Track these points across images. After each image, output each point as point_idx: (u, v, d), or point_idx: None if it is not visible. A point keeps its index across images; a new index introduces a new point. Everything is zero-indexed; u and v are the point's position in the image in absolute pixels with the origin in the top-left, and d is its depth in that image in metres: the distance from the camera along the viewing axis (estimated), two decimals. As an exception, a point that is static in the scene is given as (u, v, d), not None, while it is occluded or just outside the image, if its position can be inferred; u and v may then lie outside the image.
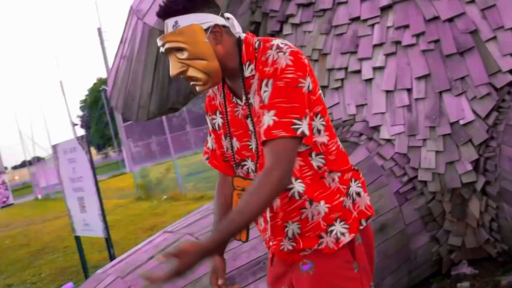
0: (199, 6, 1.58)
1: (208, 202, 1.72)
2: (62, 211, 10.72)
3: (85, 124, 39.35)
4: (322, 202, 1.56)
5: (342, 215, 1.57)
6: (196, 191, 11.03)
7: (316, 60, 3.36)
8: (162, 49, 1.62)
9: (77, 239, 5.11)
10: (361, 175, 1.65)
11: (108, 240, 4.30)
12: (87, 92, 43.47)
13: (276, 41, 1.53)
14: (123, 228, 8.46)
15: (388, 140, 2.96)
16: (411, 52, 2.98)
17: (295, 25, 3.48)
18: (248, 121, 1.64)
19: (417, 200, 2.83)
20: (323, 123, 1.56)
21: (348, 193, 1.59)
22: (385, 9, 3.14)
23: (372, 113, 3.03)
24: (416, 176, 2.85)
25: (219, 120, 1.75)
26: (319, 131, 1.56)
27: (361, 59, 3.15)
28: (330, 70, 3.29)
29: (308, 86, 1.50)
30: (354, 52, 3.18)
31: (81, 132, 37.08)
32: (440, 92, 2.85)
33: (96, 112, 37.69)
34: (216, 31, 1.58)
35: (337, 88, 3.25)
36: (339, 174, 1.59)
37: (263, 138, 1.47)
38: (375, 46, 3.12)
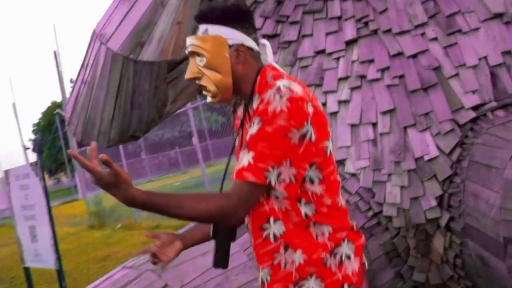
0: (232, 22, 1.61)
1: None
2: (9, 238, 10.28)
3: (38, 148, 38.34)
4: (299, 251, 1.49)
5: (319, 271, 1.48)
6: (151, 220, 10.80)
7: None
8: (186, 51, 1.65)
9: (26, 269, 4.87)
10: (361, 239, 1.57)
11: (60, 272, 4.10)
12: (40, 115, 42.46)
13: (281, 82, 1.49)
14: (74, 258, 8.17)
15: (353, 174, 2.95)
16: (376, 87, 3.00)
17: (260, 56, 3.47)
18: None
19: (382, 236, 2.81)
20: (319, 175, 1.50)
21: (334, 252, 1.50)
22: (350, 43, 3.16)
23: (337, 147, 3.02)
24: (381, 211, 2.83)
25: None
26: (311, 181, 1.50)
27: (326, 92, 3.15)
28: (295, 101, 3.27)
29: (310, 136, 1.46)
30: (319, 85, 3.18)
31: (33, 156, 36.05)
32: (405, 127, 2.87)
33: (49, 136, 36.81)
34: (241, 51, 1.60)
35: (302, 120, 3.23)
36: (330, 229, 1.51)
37: (233, 176, 1.45)
38: (340, 79, 3.13)
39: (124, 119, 3.21)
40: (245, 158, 1.44)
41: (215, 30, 1.60)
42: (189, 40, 1.63)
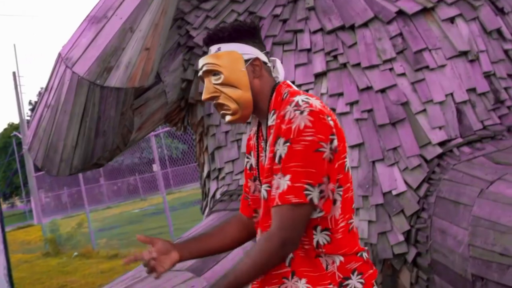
0: (244, 38, 1.61)
1: (123, 260, 1.59)
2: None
3: (-8, 171, 37.14)
4: (304, 281, 1.45)
5: None
6: (109, 248, 10.51)
7: (248, 122, 3.31)
8: (200, 73, 1.63)
9: (-25, 301, 4.63)
10: (371, 271, 1.52)
11: (12, 304, 3.91)
12: (-4, 137, 41.27)
13: (298, 98, 1.48)
14: (28, 287, 7.84)
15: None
16: (345, 120, 3.01)
17: (229, 85, 3.43)
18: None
19: (349, 270, 2.78)
20: (340, 193, 1.47)
21: (342, 285, 1.46)
22: (319, 75, 3.17)
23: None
24: (349, 245, 2.80)
25: (252, 161, 1.71)
26: (335, 201, 1.47)
27: (295, 124, 3.13)
28: (264, 132, 3.25)
29: (334, 150, 1.43)
30: (288, 117, 3.17)
31: (-14, 179, 34.90)
32: (373, 162, 2.87)
33: (4, 158, 35.74)
34: (256, 65, 1.59)
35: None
36: (341, 259, 1.47)
37: (277, 203, 1.42)
38: (309, 111, 3.12)
39: (88, 146, 3.11)
40: (283, 182, 1.41)
41: (228, 47, 1.59)
42: (202, 61, 1.61)
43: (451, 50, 3.04)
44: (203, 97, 1.61)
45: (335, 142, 1.44)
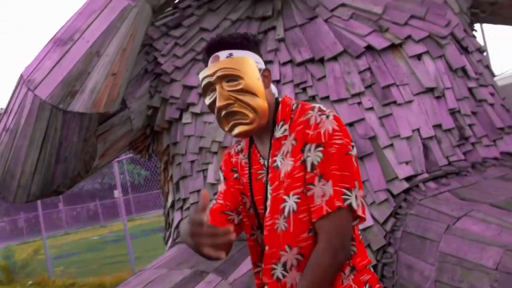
0: (253, 47, 1.59)
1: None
2: None
3: None
4: None
5: None
6: (66, 276, 10.18)
7: (215, 153, 3.26)
8: (207, 80, 1.52)
9: None
10: (378, 283, 1.51)
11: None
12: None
13: (317, 105, 1.51)
14: (-24, 318, 7.48)
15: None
16: (313, 152, 2.99)
17: (196, 115, 3.38)
18: (269, 186, 1.54)
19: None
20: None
21: None
22: (288, 107, 3.15)
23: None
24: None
25: (243, 180, 1.65)
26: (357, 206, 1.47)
27: (262, 154, 3.10)
28: (230, 162, 3.19)
29: (356, 155, 1.45)
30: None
31: None
32: (341, 195, 2.85)
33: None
34: (266, 76, 1.58)
35: (236, 182, 3.14)
36: (355, 270, 1.47)
37: (327, 210, 1.40)
38: (277, 142, 3.10)
39: (48, 173, 3.00)
40: (329, 188, 1.40)
41: (241, 53, 1.54)
42: (215, 67, 1.51)
43: (418, 86, 3.08)
44: (219, 104, 1.51)
45: (355, 150, 1.47)
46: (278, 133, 1.53)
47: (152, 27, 3.65)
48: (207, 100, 1.59)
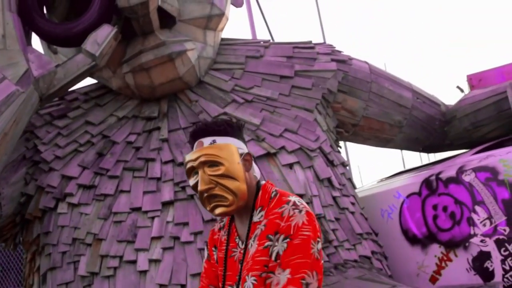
0: (236, 133, 1.71)
1: None
2: None
3: None
4: None
5: None
6: None
7: (89, 244, 3.21)
8: (190, 165, 1.63)
9: None
10: None
11: None
12: None
13: (294, 198, 1.65)
14: None
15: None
16: (188, 249, 3.07)
17: (72, 205, 3.35)
18: (240, 266, 1.64)
19: None
20: None
21: None
22: (166, 204, 3.25)
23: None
24: None
25: (219, 254, 1.77)
26: None
27: (137, 250, 3.12)
28: (103, 256, 3.15)
29: (319, 250, 1.57)
30: (132, 242, 3.15)
31: None
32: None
33: None
34: (247, 160, 1.69)
35: (108, 277, 3.09)
36: None
37: None
38: (153, 238, 3.14)
39: None
40: (283, 277, 1.52)
41: (223, 140, 1.66)
42: (198, 152, 1.63)
43: (288, 191, 3.34)
44: (200, 188, 1.62)
45: (320, 244, 1.59)
46: (256, 218, 1.66)
47: (35, 115, 3.65)
48: (191, 182, 1.70)
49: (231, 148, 1.68)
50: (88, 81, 3.94)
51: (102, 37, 3.26)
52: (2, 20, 3.10)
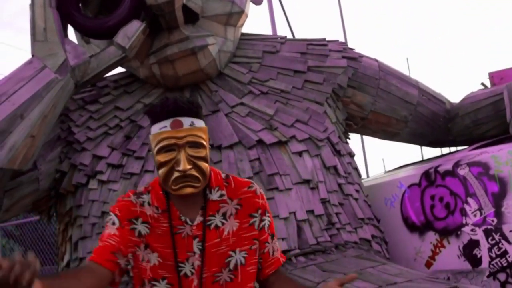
0: (203, 118, 1.80)
1: None
2: None
3: None
4: None
5: None
6: None
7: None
8: (172, 141, 1.63)
9: None
10: None
11: None
12: None
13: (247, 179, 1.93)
14: None
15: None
16: (204, 224, 3.41)
17: (102, 182, 3.71)
18: (195, 242, 1.70)
19: None
20: None
21: None
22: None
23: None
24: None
25: (140, 228, 1.76)
26: None
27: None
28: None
29: None
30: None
31: None
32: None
33: None
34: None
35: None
36: None
37: (282, 260, 1.98)
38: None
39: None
40: (278, 244, 1.99)
41: (199, 123, 1.70)
42: (185, 132, 1.64)
43: (297, 177, 3.67)
44: (183, 167, 1.63)
45: None
46: (214, 197, 1.76)
47: (70, 100, 4.01)
48: (164, 157, 1.68)
49: (206, 131, 1.74)
50: (118, 69, 4.29)
51: (132, 31, 3.60)
52: (44, 15, 3.47)
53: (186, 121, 1.67)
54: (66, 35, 3.76)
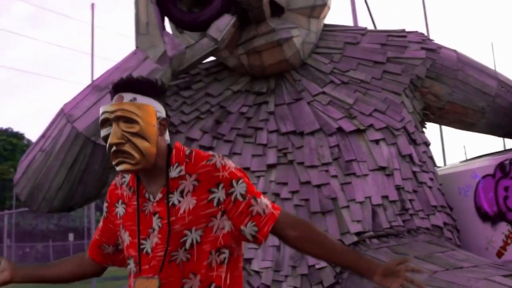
0: (158, 96, 1.73)
1: None
2: None
3: None
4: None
5: None
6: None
7: None
8: (105, 116, 1.64)
9: None
10: None
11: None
12: None
13: (212, 152, 1.79)
14: None
15: (257, 272, 3.55)
16: (286, 205, 3.73)
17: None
18: (155, 218, 1.67)
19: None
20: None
21: None
22: (270, 166, 3.91)
23: (248, 247, 3.64)
24: (276, 307, 3.42)
25: (120, 210, 1.80)
26: None
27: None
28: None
29: None
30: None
31: None
32: (304, 240, 3.57)
33: None
34: (163, 124, 1.71)
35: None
36: None
37: (277, 213, 1.79)
38: (258, 193, 3.83)
39: (70, 191, 3.65)
40: (264, 201, 1.79)
41: (144, 100, 1.65)
42: (117, 106, 1.62)
43: (373, 164, 3.90)
44: (111, 140, 1.61)
45: None
46: (174, 174, 1.68)
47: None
48: (103, 132, 1.70)
49: (149, 109, 1.66)
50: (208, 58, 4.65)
51: (223, 24, 3.93)
52: (147, 11, 3.86)
53: (128, 96, 1.65)
54: (164, 28, 4.14)
